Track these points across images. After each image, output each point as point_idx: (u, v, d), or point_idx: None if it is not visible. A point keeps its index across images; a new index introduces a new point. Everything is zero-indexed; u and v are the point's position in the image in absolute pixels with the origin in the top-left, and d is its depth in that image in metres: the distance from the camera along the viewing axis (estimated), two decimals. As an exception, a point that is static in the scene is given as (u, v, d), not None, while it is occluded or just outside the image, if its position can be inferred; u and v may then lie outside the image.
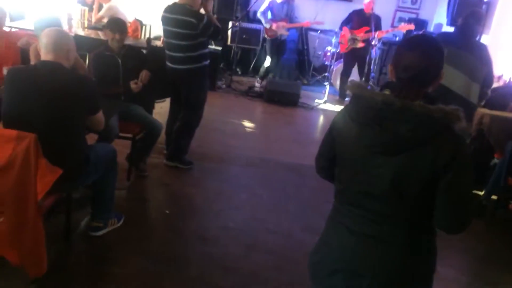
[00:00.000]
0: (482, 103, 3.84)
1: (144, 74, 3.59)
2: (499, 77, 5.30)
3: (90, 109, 2.44)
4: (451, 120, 1.33)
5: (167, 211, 3.37)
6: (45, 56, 2.32)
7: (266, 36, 7.03)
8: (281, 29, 6.86)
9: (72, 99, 2.30)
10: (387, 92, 1.43)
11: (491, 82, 3.66)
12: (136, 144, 3.65)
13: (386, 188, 1.40)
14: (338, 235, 1.56)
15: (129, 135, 3.56)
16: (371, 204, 1.46)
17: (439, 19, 8.24)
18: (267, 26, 6.82)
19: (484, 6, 6.63)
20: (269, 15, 6.79)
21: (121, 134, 3.50)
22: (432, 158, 1.33)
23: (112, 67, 3.52)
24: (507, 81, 5.10)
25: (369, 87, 1.49)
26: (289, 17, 6.92)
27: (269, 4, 6.79)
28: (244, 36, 7.42)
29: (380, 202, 1.43)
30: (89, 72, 3.46)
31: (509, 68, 5.68)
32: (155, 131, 3.64)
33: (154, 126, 3.62)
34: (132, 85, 3.52)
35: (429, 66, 1.39)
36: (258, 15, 6.94)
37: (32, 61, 3.12)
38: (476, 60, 3.49)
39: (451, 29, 6.76)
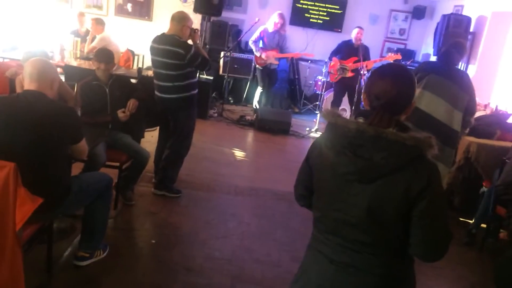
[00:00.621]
0: (467, 131, 3.86)
1: (131, 103, 3.61)
2: (486, 106, 5.38)
3: (72, 139, 2.43)
4: (424, 148, 1.34)
5: (153, 241, 3.33)
6: (28, 85, 2.33)
7: (256, 64, 7.13)
8: (271, 58, 6.97)
9: (53, 128, 2.30)
10: (360, 120, 1.45)
11: (473, 110, 3.69)
12: (123, 173, 3.64)
13: (362, 216, 1.40)
14: (317, 264, 1.54)
15: (116, 164, 3.55)
16: (349, 232, 1.45)
17: (426, 50, 8.43)
18: (258, 54, 6.93)
19: (470, 37, 6.79)
20: (260, 44, 6.91)
21: (108, 163, 3.49)
22: (406, 185, 1.34)
23: (100, 96, 3.55)
24: (494, 109, 5.16)
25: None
26: (280, 47, 7.03)
27: (260, 33, 6.91)
28: (235, 66, 7.53)
29: (357, 230, 1.43)
30: (77, 101, 3.48)
31: (495, 97, 5.77)
32: (142, 160, 3.63)
33: (141, 155, 3.62)
34: (120, 114, 3.54)
35: (399, 94, 1.41)
36: (250, 43, 7.05)
37: (18, 91, 3.14)
38: (457, 88, 3.53)
39: (438, 59, 6.91)
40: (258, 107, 7.24)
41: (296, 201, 1.75)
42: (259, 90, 7.27)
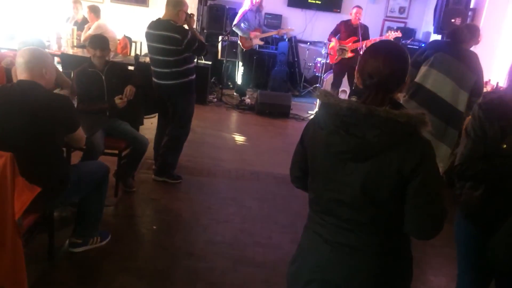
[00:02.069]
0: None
1: (128, 89, 3.58)
2: (486, 82, 5.32)
3: (67, 128, 2.43)
4: (417, 124, 1.33)
5: (155, 227, 3.35)
6: (20, 75, 2.32)
7: (242, 47, 7.04)
8: (255, 38, 6.93)
9: (48, 118, 2.29)
10: (354, 99, 1.44)
11: (480, 92, 3.52)
12: (123, 160, 3.64)
13: (356, 195, 1.39)
14: (313, 244, 1.54)
15: (115, 151, 3.55)
16: (344, 212, 1.45)
17: (427, 28, 8.32)
18: (245, 36, 6.86)
19: (470, 13, 6.70)
20: (242, 25, 6.84)
21: (107, 151, 3.49)
22: (399, 163, 1.33)
23: (96, 83, 3.53)
24: (494, 86, 5.12)
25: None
26: (261, 26, 7.00)
27: (242, 14, 6.82)
28: (234, 50, 7.47)
29: (352, 209, 1.42)
30: (73, 89, 3.47)
31: (495, 73, 5.72)
32: (141, 147, 3.63)
33: (139, 142, 3.62)
34: (117, 100, 3.52)
35: (392, 72, 1.39)
36: (234, 28, 6.94)
37: (14, 81, 3.13)
38: (465, 68, 3.43)
39: (438, 37, 6.83)
40: (241, 89, 7.24)
41: (292, 183, 1.75)
42: (241, 72, 7.21)
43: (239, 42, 7.08)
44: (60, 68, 4.71)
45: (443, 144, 3.47)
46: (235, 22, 6.87)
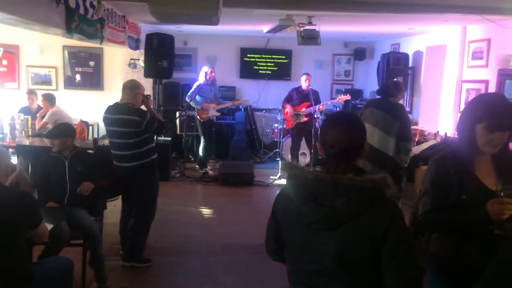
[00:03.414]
0: (408, 157, 4.21)
1: (85, 186, 3.50)
2: (435, 134, 5.63)
3: (30, 224, 2.33)
4: (381, 188, 1.39)
5: (127, 318, 3.17)
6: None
7: (199, 119, 7.18)
8: (212, 110, 7.13)
9: (10, 216, 2.20)
10: (318, 169, 1.50)
11: (406, 136, 4.15)
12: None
13: (333, 264, 1.41)
14: (297, 319, 1.52)
15: (80, 242, 3.41)
16: (323, 282, 1.45)
17: (372, 87, 8.85)
18: (199, 107, 7.04)
19: (410, 71, 7.22)
20: (198, 98, 7.04)
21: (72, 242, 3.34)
22: (370, 228, 1.37)
23: (57, 169, 3.48)
24: (443, 137, 5.42)
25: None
26: (216, 98, 7.25)
27: (197, 87, 7.04)
28: (192, 124, 7.58)
29: (331, 279, 1.43)
30: (29, 184, 3.37)
31: (442, 125, 6.08)
32: (92, 237, 3.42)
33: (86, 232, 3.41)
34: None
35: (351, 140, 1.47)
36: (187, 100, 7.11)
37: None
38: (389, 116, 4.05)
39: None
40: (202, 161, 7.31)
41: (269, 256, 1.75)
42: (202, 144, 7.30)
43: (196, 115, 7.22)
44: (15, 160, 4.60)
45: None
46: (189, 95, 7.05)
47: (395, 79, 4.57)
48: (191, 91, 7.10)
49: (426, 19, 5.44)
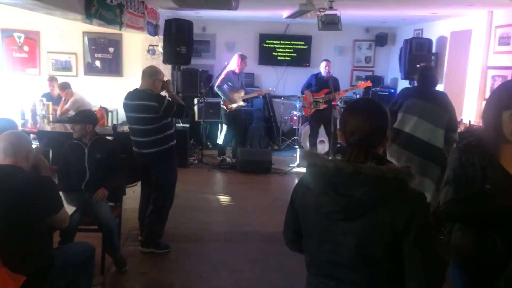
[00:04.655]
0: (453, 147, 3.99)
1: (100, 193, 3.45)
2: (459, 122, 5.49)
3: (50, 209, 2.35)
4: (404, 178, 1.34)
5: (145, 303, 3.20)
6: (3, 160, 2.27)
7: (225, 109, 7.06)
8: (239, 101, 6.99)
9: (30, 202, 2.21)
10: (338, 157, 1.45)
11: (454, 127, 3.91)
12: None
13: (352, 255, 1.38)
14: (315, 309, 1.49)
15: (95, 227, 3.42)
16: (342, 274, 1.42)
17: (393, 74, 8.67)
18: (227, 99, 6.88)
19: (433, 58, 7.03)
20: (225, 87, 6.94)
21: (85, 227, 3.38)
22: (391, 219, 1.33)
23: (77, 156, 3.50)
24: (467, 125, 5.28)
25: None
26: (243, 87, 7.12)
27: (226, 76, 6.93)
28: (210, 111, 7.56)
29: (350, 270, 1.40)
30: (50, 169, 3.39)
31: (466, 113, 5.92)
32: (105, 232, 3.41)
33: (104, 226, 3.40)
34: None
35: (372, 128, 1.42)
36: (215, 89, 7.01)
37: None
38: (437, 108, 3.76)
39: (406, 82, 7.11)
40: (222, 149, 7.26)
41: (287, 246, 1.72)
42: (224, 132, 7.20)
43: (222, 105, 7.07)
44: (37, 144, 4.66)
45: (427, 179, 3.72)
46: (217, 83, 6.91)
47: (418, 65, 4.28)
48: (220, 79, 6.96)
49: (451, 3, 5.27)
